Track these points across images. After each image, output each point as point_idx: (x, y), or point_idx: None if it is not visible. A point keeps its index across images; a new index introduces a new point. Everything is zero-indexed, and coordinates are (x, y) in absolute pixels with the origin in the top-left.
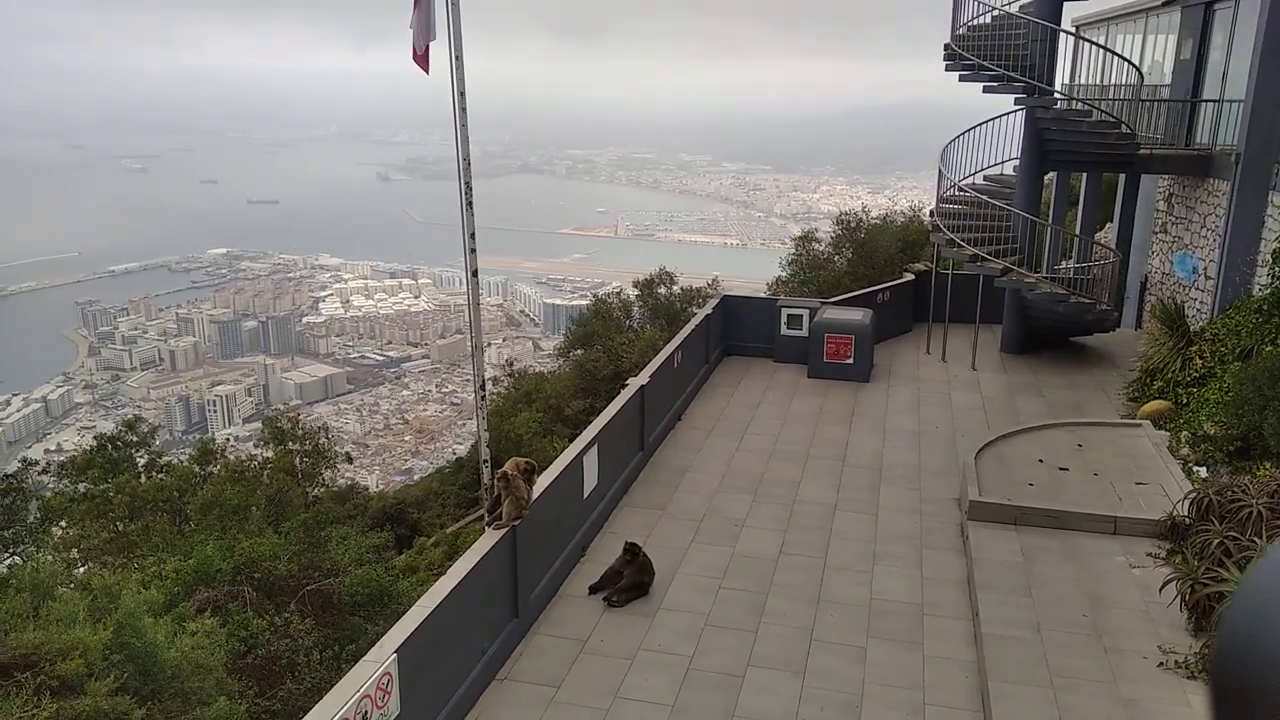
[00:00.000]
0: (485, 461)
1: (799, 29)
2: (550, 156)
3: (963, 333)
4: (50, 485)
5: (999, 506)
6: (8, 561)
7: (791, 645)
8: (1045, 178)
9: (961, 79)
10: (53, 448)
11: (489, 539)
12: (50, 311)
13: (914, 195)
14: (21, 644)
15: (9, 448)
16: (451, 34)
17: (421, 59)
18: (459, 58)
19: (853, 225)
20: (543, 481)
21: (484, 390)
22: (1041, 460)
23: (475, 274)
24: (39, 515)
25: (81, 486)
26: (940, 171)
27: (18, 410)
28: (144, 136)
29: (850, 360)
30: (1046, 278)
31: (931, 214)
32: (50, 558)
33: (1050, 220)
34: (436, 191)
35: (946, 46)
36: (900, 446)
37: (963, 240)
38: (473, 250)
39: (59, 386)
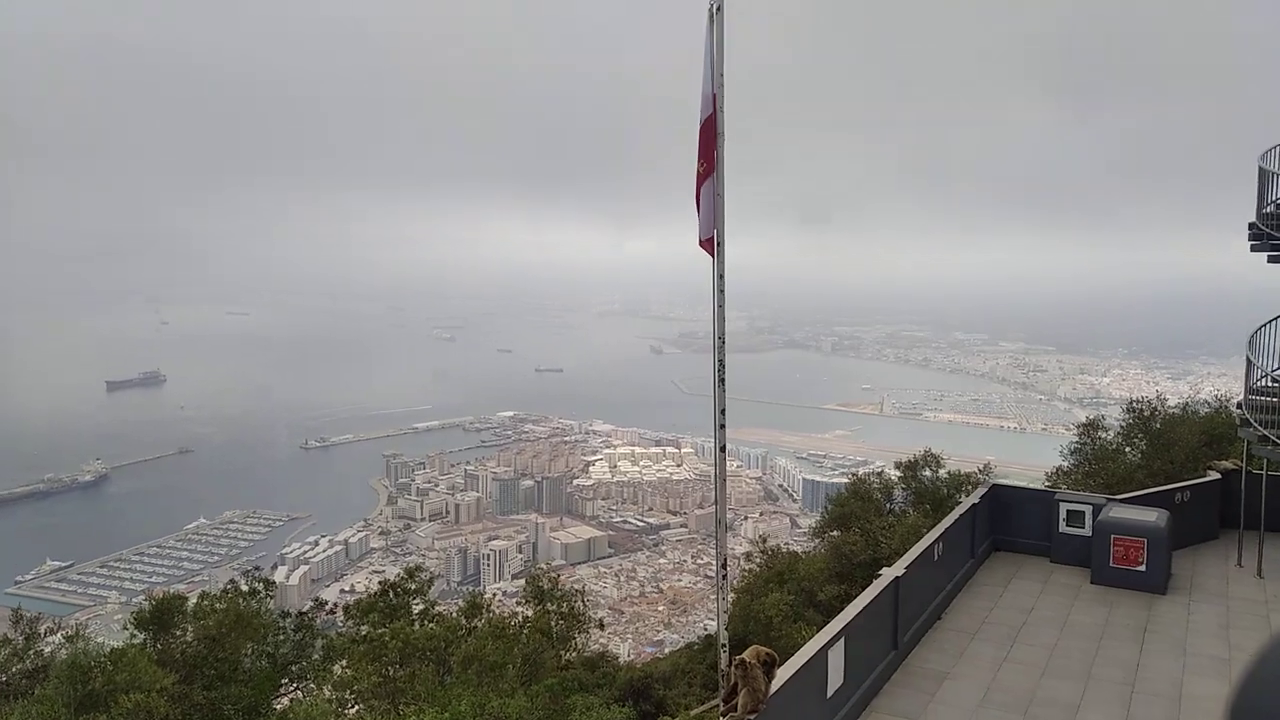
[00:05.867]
0: (723, 646)
1: (1046, 208)
2: (816, 333)
3: None
4: (340, 624)
5: None
6: (291, 695)
7: None
8: None
9: (1271, 259)
10: (346, 588)
11: None
12: (361, 461)
13: (1220, 384)
14: None
15: (311, 585)
16: (716, 222)
17: (708, 245)
18: (720, 244)
19: (1147, 414)
20: (783, 674)
21: (725, 570)
22: None
23: (724, 449)
24: (322, 653)
25: (363, 629)
26: (1248, 359)
27: (323, 551)
28: (452, 302)
29: (1142, 567)
30: None
31: (1239, 406)
32: (328, 693)
33: None
34: (704, 364)
35: (1251, 225)
36: (1206, 675)
37: (1279, 438)
38: (722, 426)
39: (359, 531)
